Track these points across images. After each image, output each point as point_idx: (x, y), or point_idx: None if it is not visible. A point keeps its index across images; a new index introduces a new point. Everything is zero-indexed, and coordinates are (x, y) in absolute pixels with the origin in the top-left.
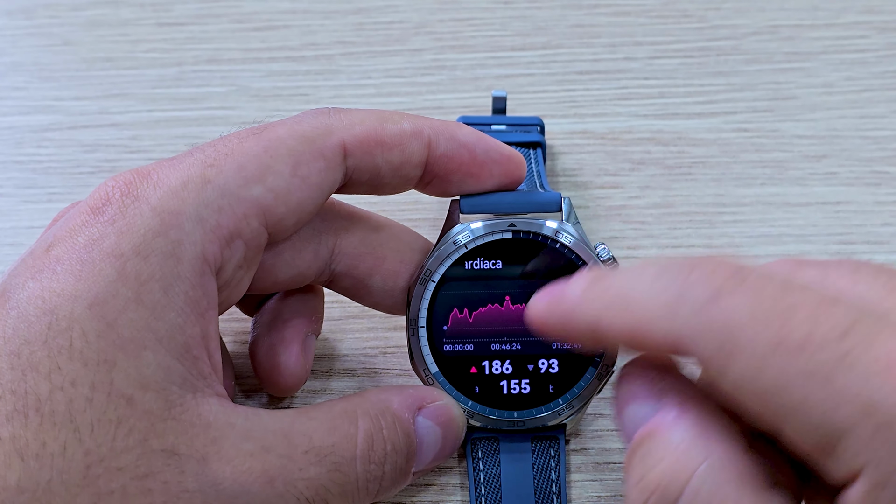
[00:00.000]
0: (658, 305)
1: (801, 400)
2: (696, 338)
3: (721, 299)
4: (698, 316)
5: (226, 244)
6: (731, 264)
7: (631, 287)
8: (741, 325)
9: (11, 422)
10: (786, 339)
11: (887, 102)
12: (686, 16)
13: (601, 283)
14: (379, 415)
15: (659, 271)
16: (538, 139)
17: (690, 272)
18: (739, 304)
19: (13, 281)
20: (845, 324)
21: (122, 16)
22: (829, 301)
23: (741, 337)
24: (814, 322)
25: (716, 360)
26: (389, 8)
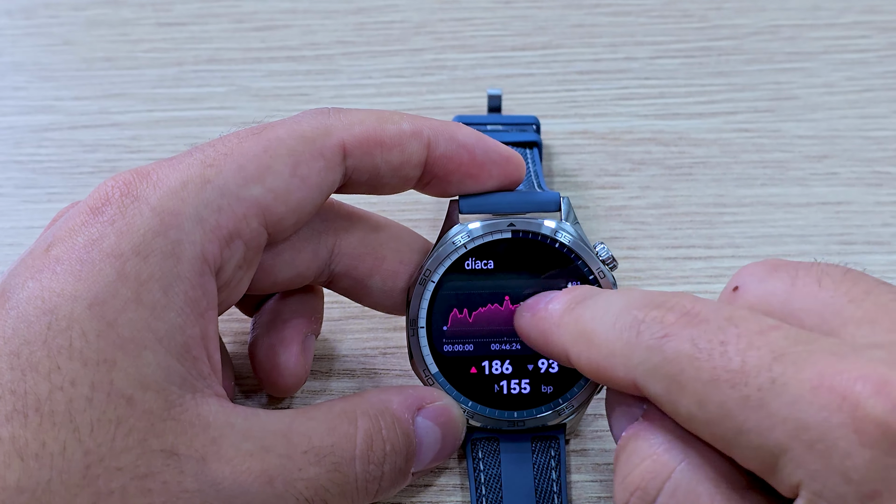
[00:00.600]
0: (616, 346)
1: (740, 426)
2: (648, 379)
3: (667, 341)
4: (649, 359)
5: (225, 244)
6: (685, 303)
7: (596, 324)
8: (683, 364)
9: (11, 422)
10: (722, 372)
11: (888, 103)
12: (687, 16)
13: (573, 312)
14: (378, 415)
15: (621, 309)
16: (535, 138)
17: (647, 313)
18: (681, 344)
19: (13, 281)
20: (778, 350)
21: (122, 16)
22: (763, 329)
23: (684, 375)
24: (746, 352)
25: (666, 398)
26: (389, 8)
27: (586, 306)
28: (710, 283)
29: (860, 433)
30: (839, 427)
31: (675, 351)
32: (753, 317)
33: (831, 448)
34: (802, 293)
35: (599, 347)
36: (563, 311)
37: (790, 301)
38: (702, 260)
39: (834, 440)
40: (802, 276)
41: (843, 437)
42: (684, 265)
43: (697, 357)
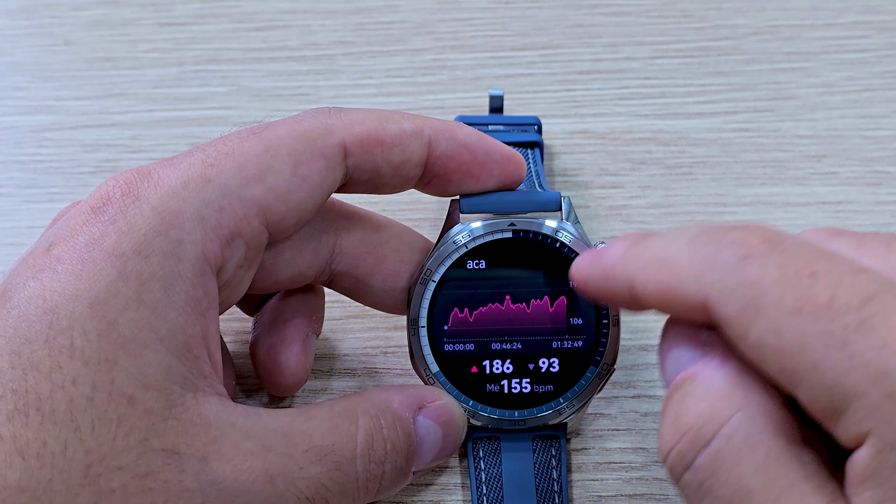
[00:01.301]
0: (690, 266)
1: (817, 362)
2: (723, 298)
3: (750, 263)
4: (726, 278)
5: (226, 243)
6: (765, 230)
7: (667, 248)
8: (766, 287)
9: (12, 421)
10: (807, 303)
11: (888, 102)
12: (686, 16)
13: (640, 244)
14: (379, 414)
15: (695, 234)
16: (536, 139)
17: (725, 235)
18: (766, 268)
19: (14, 280)
20: (868, 292)
21: (123, 16)
22: (854, 270)
23: (765, 299)
24: (836, 288)
25: (738, 320)
26: (390, 8)
27: (653, 238)
28: None
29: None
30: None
31: (758, 273)
32: (842, 256)
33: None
34: (871, 254)
35: (671, 268)
36: (627, 247)
37: (859, 260)
38: None
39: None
40: (868, 241)
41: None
42: None
43: (783, 282)
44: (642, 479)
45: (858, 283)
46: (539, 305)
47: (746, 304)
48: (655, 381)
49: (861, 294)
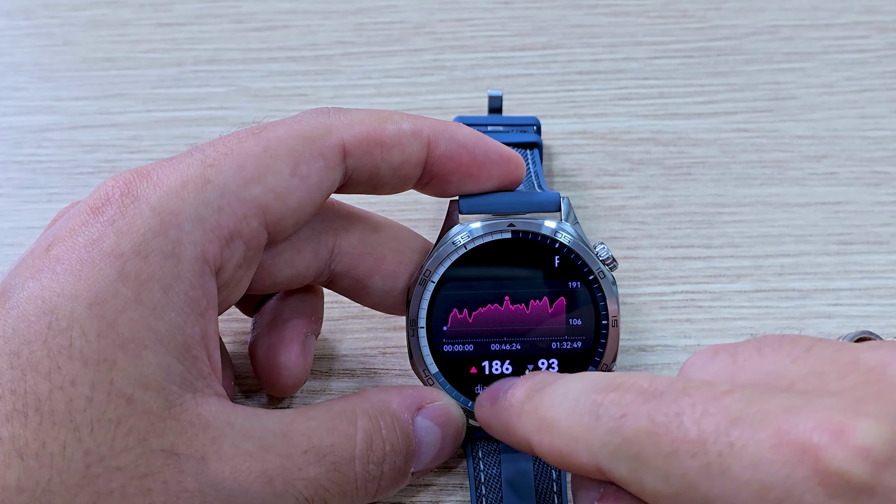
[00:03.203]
0: (577, 432)
1: (705, 495)
2: (612, 462)
3: (626, 421)
4: (610, 442)
5: (225, 244)
6: (641, 383)
7: (556, 410)
8: (644, 441)
9: (11, 421)
10: (681, 444)
11: (887, 102)
12: (686, 16)
13: (532, 401)
14: (378, 415)
15: (579, 394)
16: (535, 139)
17: (606, 395)
18: (640, 421)
19: (13, 281)
20: (734, 413)
21: (122, 16)
22: (718, 395)
23: (645, 451)
24: (701, 420)
25: (631, 479)
26: (389, 8)
27: (545, 394)
28: (709, 282)
29: (824, 485)
30: (803, 481)
31: (633, 429)
32: (706, 385)
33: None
34: (746, 367)
35: (560, 434)
36: (524, 399)
37: (736, 377)
38: (701, 259)
39: (800, 496)
40: (742, 352)
41: (809, 490)
42: (683, 265)
43: (655, 432)
44: None
45: (722, 409)
46: (538, 306)
47: (633, 461)
48: None
49: (726, 418)
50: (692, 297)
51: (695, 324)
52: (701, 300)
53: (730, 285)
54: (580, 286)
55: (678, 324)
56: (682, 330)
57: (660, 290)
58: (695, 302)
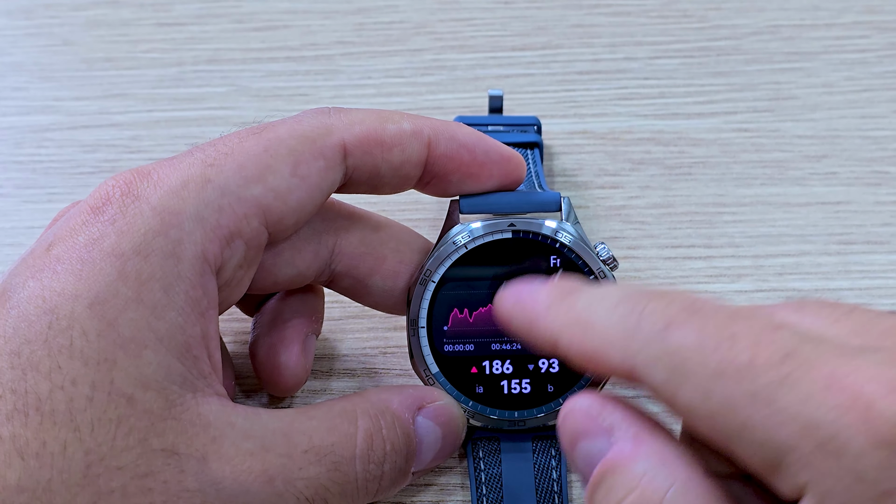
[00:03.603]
0: (614, 333)
1: (746, 421)
2: (648, 367)
3: (671, 330)
4: (650, 346)
5: (226, 244)
6: (685, 297)
7: (592, 311)
8: (688, 354)
9: (12, 421)
10: (729, 365)
11: (888, 102)
12: (686, 16)
13: (565, 301)
14: (378, 415)
15: (619, 299)
16: (535, 139)
17: (648, 303)
18: (687, 334)
19: (14, 280)
20: (787, 348)
21: (122, 16)
22: (772, 327)
23: (688, 365)
24: (756, 347)
25: (665, 387)
26: (389, 8)
27: (579, 295)
28: (710, 282)
29: (873, 434)
30: (851, 426)
31: (679, 340)
32: (760, 314)
33: (843, 447)
34: (786, 320)
35: (595, 334)
36: (552, 302)
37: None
38: (701, 259)
39: (846, 439)
40: (781, 311)
41: (856, 436)
42: (684, 265)
43: (704, 347)
44: None
45: (777, 340)
46: None
47: (672, 372)
48: None
49: (780, 350)
50: None
51: None
52: None
53: (730, 285)
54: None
55: None
56: None
57: None
58: None
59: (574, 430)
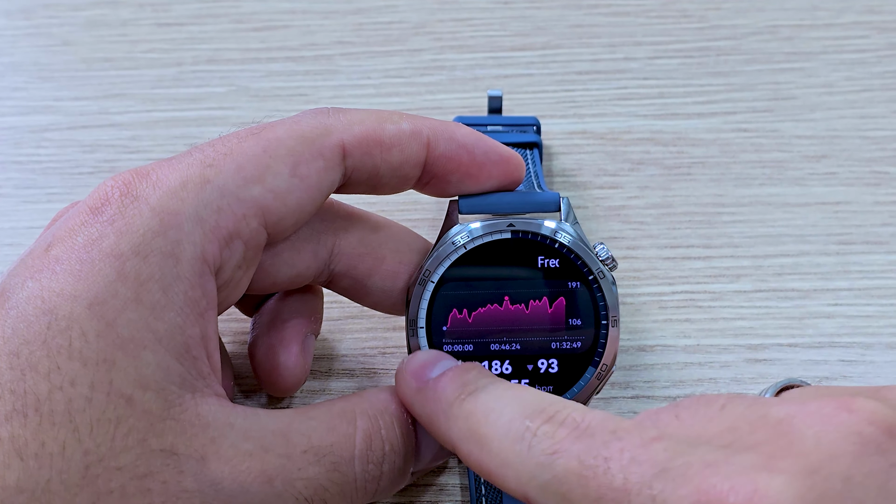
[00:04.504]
0: (509, 455)
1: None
2: (540, 495)
3: (557, 458)
4: (541, 474)
5: (225, 244)
6: (574, 418)
7: (488, 427)
8: (572, 482)
9: (10, 421)
10: (606, 491)
11: (887, 102)
12: (686, 16)
13: (464, 406)
14: (377, 415)
15: (514, 415)
16: (535, 139)
17: (539, 425)
18: (570, 461)
19: (12, 281)
20: (659, 464)
21: (122, 16)
22: (649, 440)
23: (574, 494)
24: (628, 469)
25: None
26: (389, 8)
27: (478, 402)
28: (709, 282)
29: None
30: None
31: (564, 469)
32: (636, 428)
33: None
34: (667, 432)
35: (491, 454)
36: (453, 400)
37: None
38: (700, 259)
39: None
40: (662, 418)
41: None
42: (683, 265)
43: (584, 475)
44: None
45: (649, 458)
46: (538, 306)
47: (561, 500)
48: (654, 381)
49: (651, 469)
50: (692, 297)
51: (694, 324)
52: (700, 300)
53: (729, 285)
54: (580, 286)
55: (678, 324)
56: (681, 330)
57: (659, 290)
58: (694, 302)
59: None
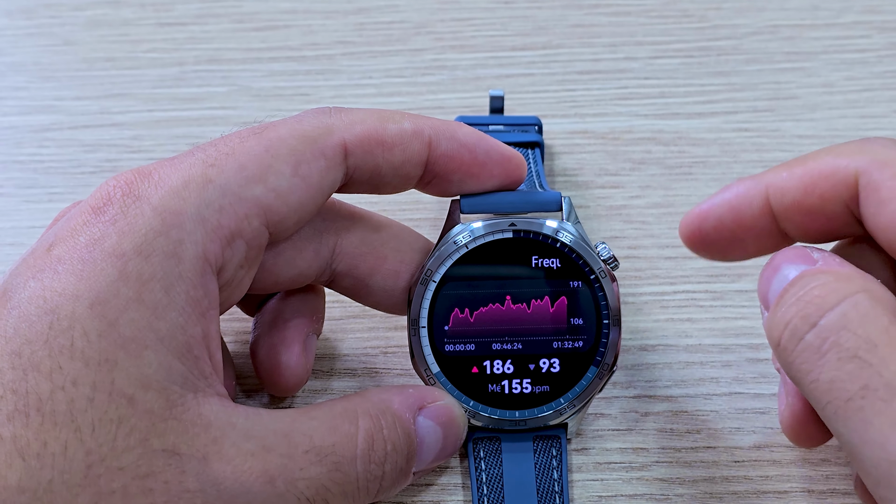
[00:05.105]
0: (841, 151)
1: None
2: (874, 167)
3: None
4: (883, 153)
5: (227, 244)
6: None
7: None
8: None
9: (13, 421)
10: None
11: (888, 102)
12: (686, 16)
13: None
14: (379, 414)
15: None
16: (536, 139)
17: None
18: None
19: (14, 280)
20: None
21: (123, 16)
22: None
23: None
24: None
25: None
26: (390, 8)
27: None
28: (711, 282)
29: None
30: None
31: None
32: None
33: None
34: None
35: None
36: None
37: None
38: (702, 259)
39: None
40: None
41: None
42: (685, 264)
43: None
44: (642, 480)
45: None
46: (539, 306)
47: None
48: (655, 381)
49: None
50: (693, 297)
51: (696, 323)
52: (702, 300)
53: (731, 285)
54: (581, 286)
55: (679, 323)
56: (683, 329)
57: (661, 289)
58: (696, 301)
59: (781, 258)
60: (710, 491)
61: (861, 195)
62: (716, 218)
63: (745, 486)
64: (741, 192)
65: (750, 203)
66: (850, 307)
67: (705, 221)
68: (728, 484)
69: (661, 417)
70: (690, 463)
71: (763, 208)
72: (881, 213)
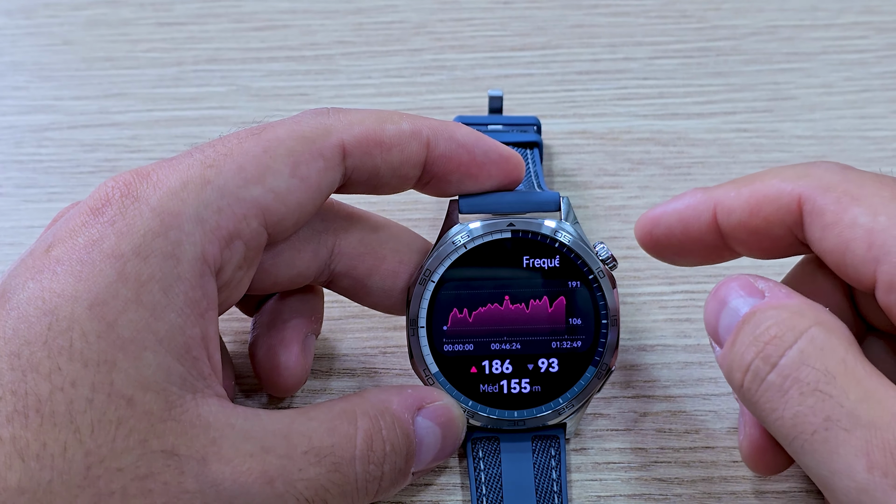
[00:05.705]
0: (786, 176)
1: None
2: (818, 193)
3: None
4: (826, 177)
5: (225, 245)
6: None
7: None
8: (866, 185)
9: (12, 422)
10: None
11: (887, 103)
12: (685, 16)
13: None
14: (378, 415)
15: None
16: (535, 139)
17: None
18: (865, 177)
19: (13, 281)
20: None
21: (122, 15)
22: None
23: (863, 190)
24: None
25: (834, 206)
26: (389, 8)
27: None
28: (710, 282)
29: None
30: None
31: (857, 176)
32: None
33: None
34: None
35: (762, 178)
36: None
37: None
38: None
39: None
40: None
41: None
42: None
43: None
44: (641, 480)
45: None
46: (538, 306)
47: (842, 195)
48: (654, 381)
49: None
50: (692, 297)
51: (694, 323)
52: (701, 300)
53: None
54: (580, 286)
55: (678, 323)
56: (681, 329)
57: (660, 289)
58: (694, 301)
59: (727, 291)
60: (708, 491)
61: (806, 220)
62: (666, 225)
63: (744, 486)
64: (691, 204)
65: (698, 217)
66: (806, 343)
67: (656, 227)
68: (726, 484)
69: (659, 417)
70: (689, 463)
71: (710, 224)
72: (826, 238)
